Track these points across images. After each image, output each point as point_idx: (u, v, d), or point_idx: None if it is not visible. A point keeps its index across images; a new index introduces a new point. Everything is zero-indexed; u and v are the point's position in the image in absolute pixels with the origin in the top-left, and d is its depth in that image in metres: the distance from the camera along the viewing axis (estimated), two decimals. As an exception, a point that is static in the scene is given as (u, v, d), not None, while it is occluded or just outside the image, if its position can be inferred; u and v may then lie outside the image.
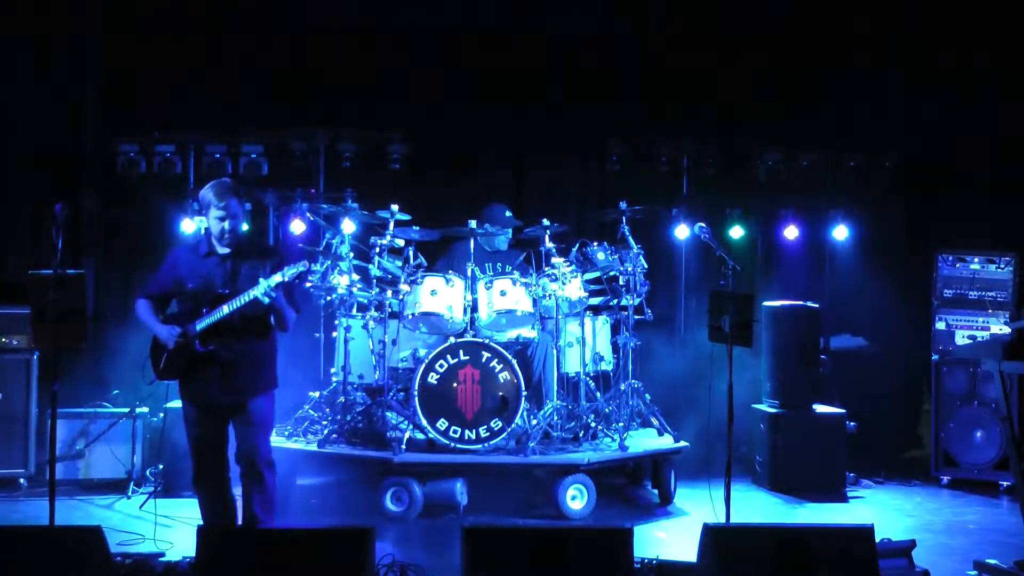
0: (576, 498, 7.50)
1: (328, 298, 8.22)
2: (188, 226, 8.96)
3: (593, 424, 8.00)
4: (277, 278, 5.85)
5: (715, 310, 6.71)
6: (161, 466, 8.05)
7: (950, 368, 8.83)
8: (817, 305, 8.96)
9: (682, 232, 9.61)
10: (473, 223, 8.03)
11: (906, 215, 9.89)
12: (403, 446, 7.54)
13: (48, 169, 9.25)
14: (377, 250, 8.03)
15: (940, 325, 8.91)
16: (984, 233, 9.41)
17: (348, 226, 8.16)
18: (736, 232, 9.64)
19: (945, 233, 9.37)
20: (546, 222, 8.08)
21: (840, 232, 9.75)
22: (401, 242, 8.14)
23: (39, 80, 9.18)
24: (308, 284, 6.20)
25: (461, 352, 7.65)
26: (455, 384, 7.61)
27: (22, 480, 8.18)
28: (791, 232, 9.71)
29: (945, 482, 8.79)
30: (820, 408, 8.72)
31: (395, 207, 8.06)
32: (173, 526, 6.92)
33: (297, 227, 8.99)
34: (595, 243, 8.13)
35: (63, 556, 5.00)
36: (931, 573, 6.02)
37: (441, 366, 7.63)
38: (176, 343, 5.94)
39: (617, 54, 9.63)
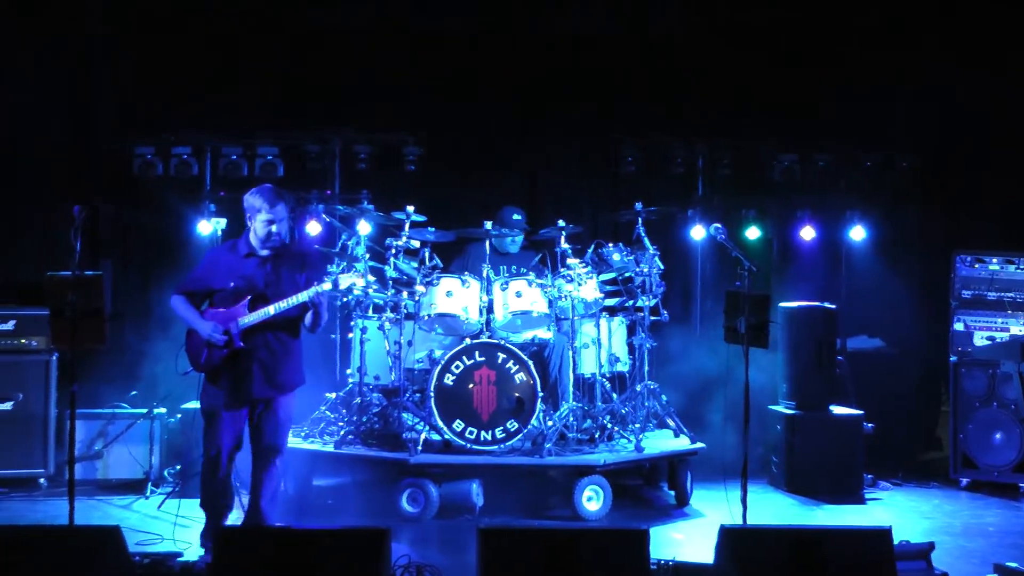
0: (592, 499, 7.49)
1: (344, 299, 8.24)
2: (204, 227, 9.00)
3: (609, 425, 7.99)
4: (328, 285, 6.17)
5: (731, 311, 6.69)
6: (179, 467, 8.07)
7: (968, 369, 8.78)
8: (834, 306, 8.93)
9: (698, 233, 9.61)
10: (489, 224, 8.03)
11: (923, 215, 9.86)
12: (419, 447, 7.55)
13: (65, 171, 9.29)
14: (393, 251, 8.05)
15: (958, 326, 8.87)
16: (1002, 233, 9.36)
17: (364, 227, 8.18)
18: (752, 233, 9.63)
19: (962, 233, 9.35)
20: (561, 223, 8.08)
21: (856, 233, 9.72)
22: (416, 243, 8.15)
23: (56, 82, 9.22)
24: (356, 291, 6.40)
25: (477, 353, 7.66)
26: (471, 385, 7.61)
27: (42, 480, 8.23)
28: (807, 233, 9.69)
29: (964, 484, 8.74)
30: (837, 409, 8.69)
31: (411, 208, 8.07)
32: (190, 526, 6.93)
33: (313, 228, 9.00)
34: (610, 244, 8.11)
35: (82, 555, 5.03)
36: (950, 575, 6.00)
37: (457, 367, 7.63)
38: (219, 339, 6.17)
39: (631, 55, 9.62)
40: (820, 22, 9.59)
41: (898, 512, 7.99)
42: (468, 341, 7.72)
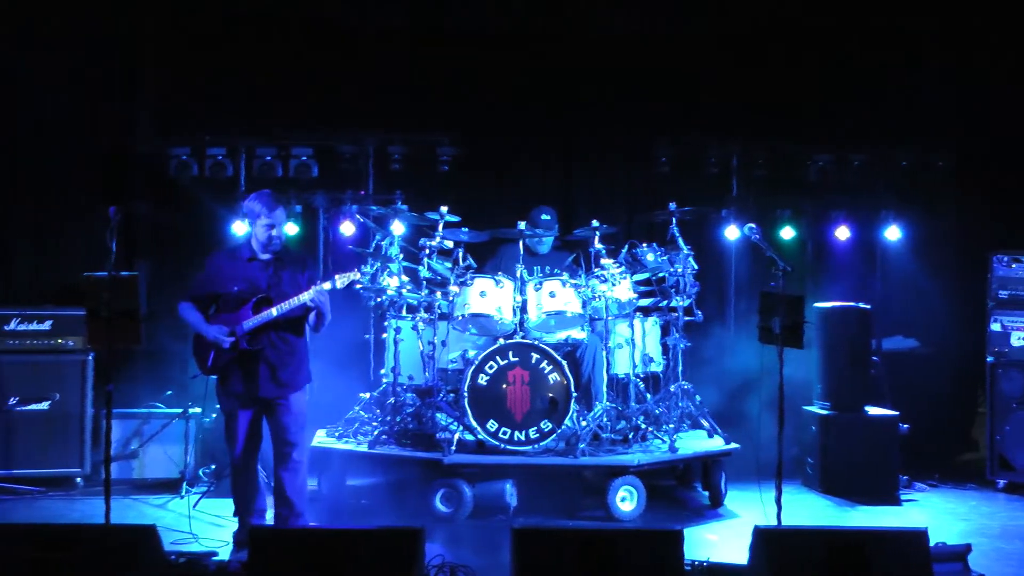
0: (626, 500, 7.48)
1: (378, 299, 8.26)
2: (239, 228, 9.03)
3: (643, 425, 7.96)
4: (327, 285, 6.30)
5: (765, 311, 6.65)
6: (214, 466, 8.12)
7: (1005, 370, 8.69)
8: (868, 306, 8.86)
9: (732, 233, 9.56)
10: (522, 225, 8.03)
11: (959, 215, 9.78)
12: (453, 447, 7.56)
13: (102, 173, 9.37)
14: (426, 251, 8.06)
15: (995, 326, 8.78)
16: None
17: (397, 228, 8.20)
18: (786, 233, 9.60)
19: (999, 233, 9.25)
20: (595, 223, 8.06)
21: (892, 233, 9.65)
22: (450, 244, 8.16)
23: (93, 84, 9.28)
24: (358, 286, 6.48)
25: (511, 353, 7.66)
26: (505, 385, 7.61)
27: (78, 479, 8.31)
28: (842, 233, 9.64)
29: (1001, 486, 8.66)
30: (872, 410, 8.63)
31: (444, 209, 8.09)
32: (225, 526, 6.98)
33: (347, 229, 9.04)
34: (644, 244, 8.10)
35: (119, 554, 5.08)
36: (987, 578, 5.96)
37: (491, 367, 7.63)
38: (225, 341, 6.29)
39: (665, 55, 9.59)
40: (856, 22, 9.51)
41: (934, 514, 7.92)
42: (502, 341, 7.73)
